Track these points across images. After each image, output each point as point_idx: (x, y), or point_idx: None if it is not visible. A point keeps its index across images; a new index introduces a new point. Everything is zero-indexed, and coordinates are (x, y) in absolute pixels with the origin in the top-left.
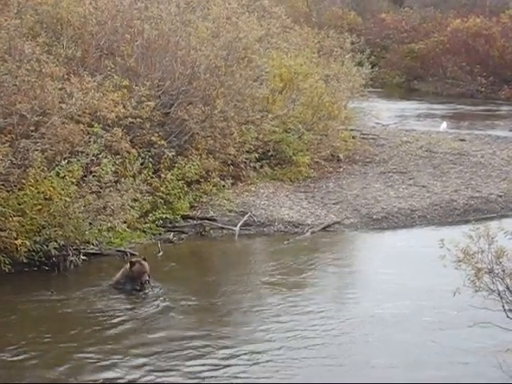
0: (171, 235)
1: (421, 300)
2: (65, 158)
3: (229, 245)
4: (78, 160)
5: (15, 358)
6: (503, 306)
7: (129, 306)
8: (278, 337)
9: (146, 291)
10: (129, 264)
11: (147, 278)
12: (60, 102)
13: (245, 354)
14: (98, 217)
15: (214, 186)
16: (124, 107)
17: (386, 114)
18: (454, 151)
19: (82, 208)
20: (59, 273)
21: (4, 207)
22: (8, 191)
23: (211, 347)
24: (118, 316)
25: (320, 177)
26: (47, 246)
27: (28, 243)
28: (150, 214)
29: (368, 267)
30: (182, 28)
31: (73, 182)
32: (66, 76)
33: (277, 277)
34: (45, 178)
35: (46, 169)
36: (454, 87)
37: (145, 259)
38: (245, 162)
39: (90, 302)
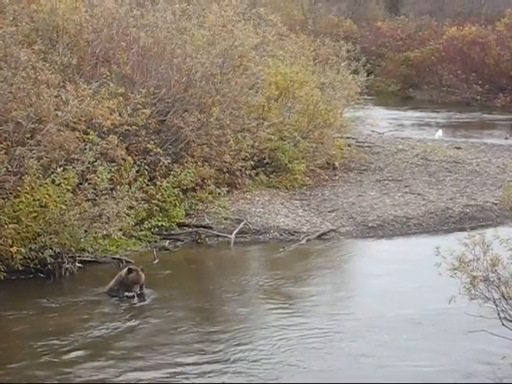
0: (167, 243)
1: (416, 308)
2: (60, 166)
3: (224, 252)
4: (74, 167)
5: (8, 367)
6: (498, 314)
7: (122, 314)
8: (271, 344)
9: (140, 299)
10: (127, 270)
11: (138, 289)
12: (56, 110)
13: (239, 361)
14: (94, 224)
15: (209, 193)
16: (120, 115)
17: (381, 121)
18: (450, 159)
19: (78, 215)
20: (55, 280)
21: None
22: (3, 198)
23: (205, 355)
24: (112, 324)
25: (315, 184)
26: (43, 253)
27: (23, 250)
28: (146, 222)
29: (363, 275)
30: (178, 36)
31: (68, 190)
32: (61, 83)
33: (272, 285)
34: (40, 186)
35: (41, 176)
36: (450, 95)
37: (142, 270)
38: (240, 170)
39: (85, 309)
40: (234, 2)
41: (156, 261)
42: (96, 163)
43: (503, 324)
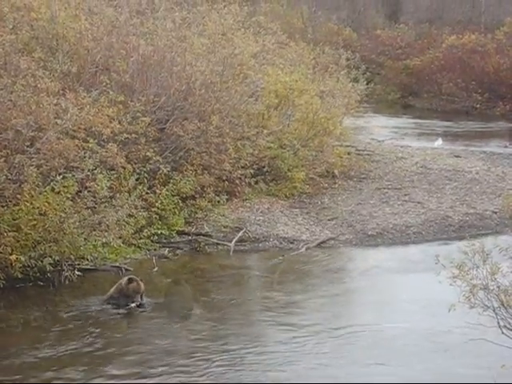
0: (166, 251)
1: (415, 317)
2: (60, 174)
3: (223, 261)
4: (73, 175)
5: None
6: (498, 323)
7: (120, 323)
8: (269, 354)
9: (140, 308)
10: (127, 280)
11: (139, 299)
12: (55, 118)
13: (238, 370)
14: (93, 232)
15: (209, 201)
16: (119, 123)
17: (381, 130)
18: (449, 167)
19: (77, 223)
20: (54, 288)
21: None
22: (3, 206)
23: (203, 365)
24: (109, 332)
25: (315, 193)
26: (42, 261)
27: (23, 259)
28: (145, 230)
29: (362, 284)
30: (178, 44)
31: (68, 198)
32: (61, 91)
33: (271, 293)
34: (40, 194)
35: (41, 184)
36: (449, 103)
37: (141, 280)
38: (240, 178)
39: (83, 317)
40: (233, 10)
41: (155, 269)
42: (95, 171)
43: (503, 332)
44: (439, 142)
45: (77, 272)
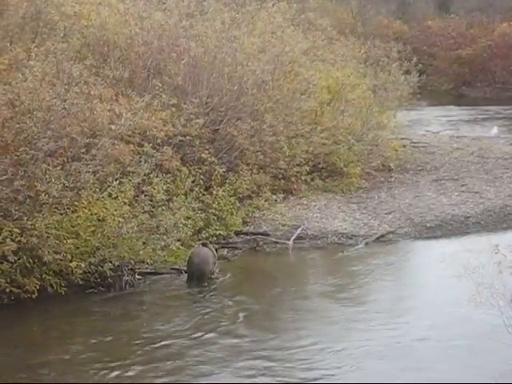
0: (225, 251)
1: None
2: (116, 179)
3: (283, 259)
4: (130, 180)
5: None
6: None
7: (186, 324)
8: (329, 350)
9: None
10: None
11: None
12: (109, 124)
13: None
14: (152, 236)
15: (265, 200)
16: (173, 126)
17: (435, 121)
18: (506, 156)
19: (136, 228)
20: (115, 293)
21: (58, 230)
22: (61, 214)
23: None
24: (178, 340)
25: (372, 187)
26: (102, 266)
27: (83, 265)
28: (204, 231)
29: (423, 279)
30: (228, 44)
31: (125, 203)
32: (114, 97)
33: (331, 290)
34: (97, 200)
35: (98, 190)
36: (504, 92)
37: None
38: (296, 176)
39: (148, 323)
40: (282, 8)
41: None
42: (151, 175)
43: (508, 332)
44: (495, 131)
45: (137, 276)
